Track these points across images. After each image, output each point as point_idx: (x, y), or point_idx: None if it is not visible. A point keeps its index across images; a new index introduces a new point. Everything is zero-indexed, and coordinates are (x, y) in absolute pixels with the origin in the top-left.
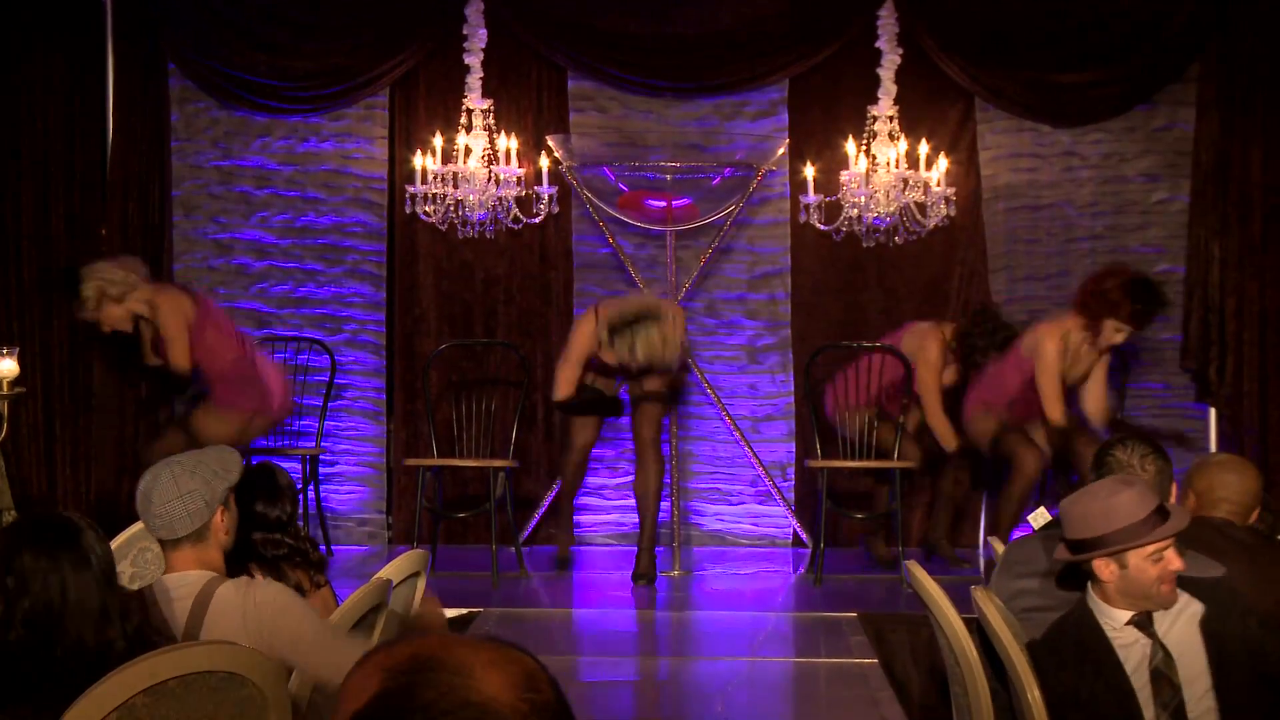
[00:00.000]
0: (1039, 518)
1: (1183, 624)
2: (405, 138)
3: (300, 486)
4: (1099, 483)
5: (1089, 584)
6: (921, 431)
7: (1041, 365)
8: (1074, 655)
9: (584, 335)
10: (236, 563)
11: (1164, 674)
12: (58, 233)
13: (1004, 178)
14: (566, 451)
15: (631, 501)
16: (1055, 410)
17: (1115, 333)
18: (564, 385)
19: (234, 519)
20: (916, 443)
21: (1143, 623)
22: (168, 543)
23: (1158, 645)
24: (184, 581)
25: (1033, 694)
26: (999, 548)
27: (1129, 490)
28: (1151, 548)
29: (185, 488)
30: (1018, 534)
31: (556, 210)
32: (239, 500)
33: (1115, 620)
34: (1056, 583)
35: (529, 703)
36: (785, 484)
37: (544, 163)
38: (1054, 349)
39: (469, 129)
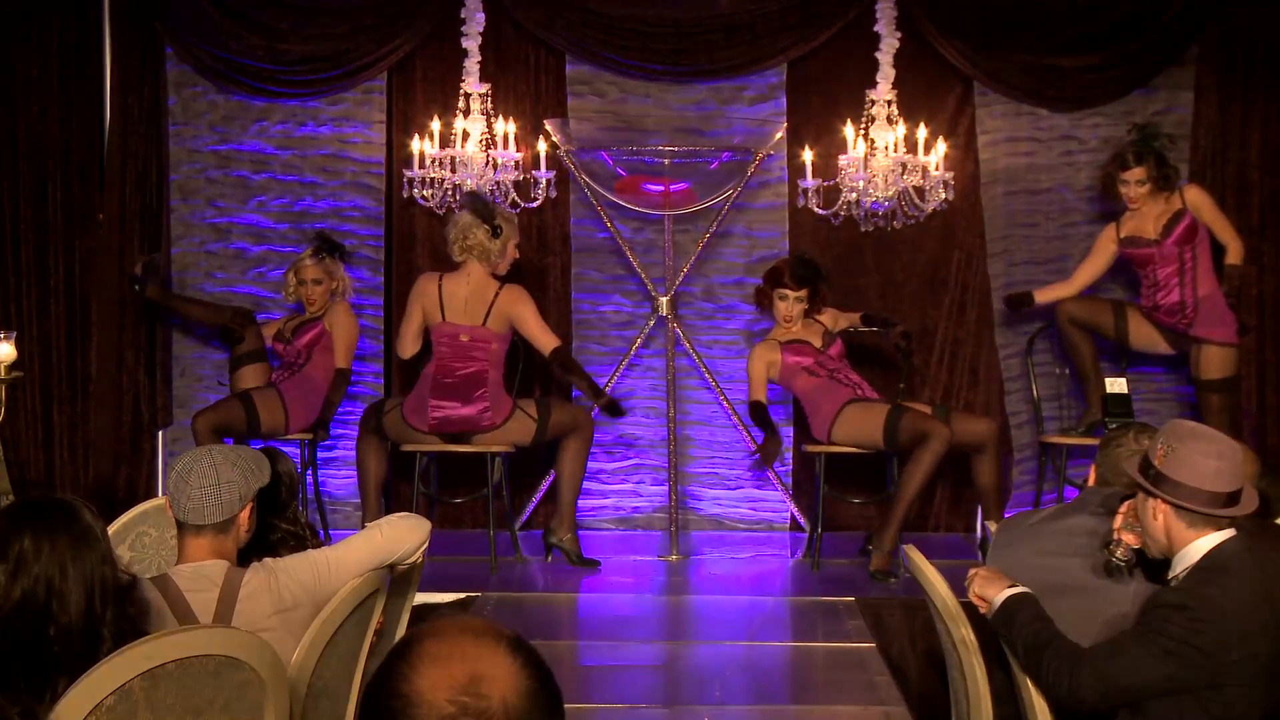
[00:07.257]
0: (1114, 384)
1: None
2: (403, 122)
3: (299, 471)
4: None
5: None
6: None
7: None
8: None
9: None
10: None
11: None
12: (55, 218)
13: (1002, 162)
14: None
15: (630, 485)
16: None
17: (780, 300)
18: None
19: (255, 519)
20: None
21: None
22: (189, 527)
23: None
24: (203, 572)
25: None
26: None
27: None
28: None
29: (225, 477)
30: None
31: (554, 195)
32: None
33: None
34: None
35: (459, 706)
36: (783, 468)
37: (542, 147)
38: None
39: (467, 113)
